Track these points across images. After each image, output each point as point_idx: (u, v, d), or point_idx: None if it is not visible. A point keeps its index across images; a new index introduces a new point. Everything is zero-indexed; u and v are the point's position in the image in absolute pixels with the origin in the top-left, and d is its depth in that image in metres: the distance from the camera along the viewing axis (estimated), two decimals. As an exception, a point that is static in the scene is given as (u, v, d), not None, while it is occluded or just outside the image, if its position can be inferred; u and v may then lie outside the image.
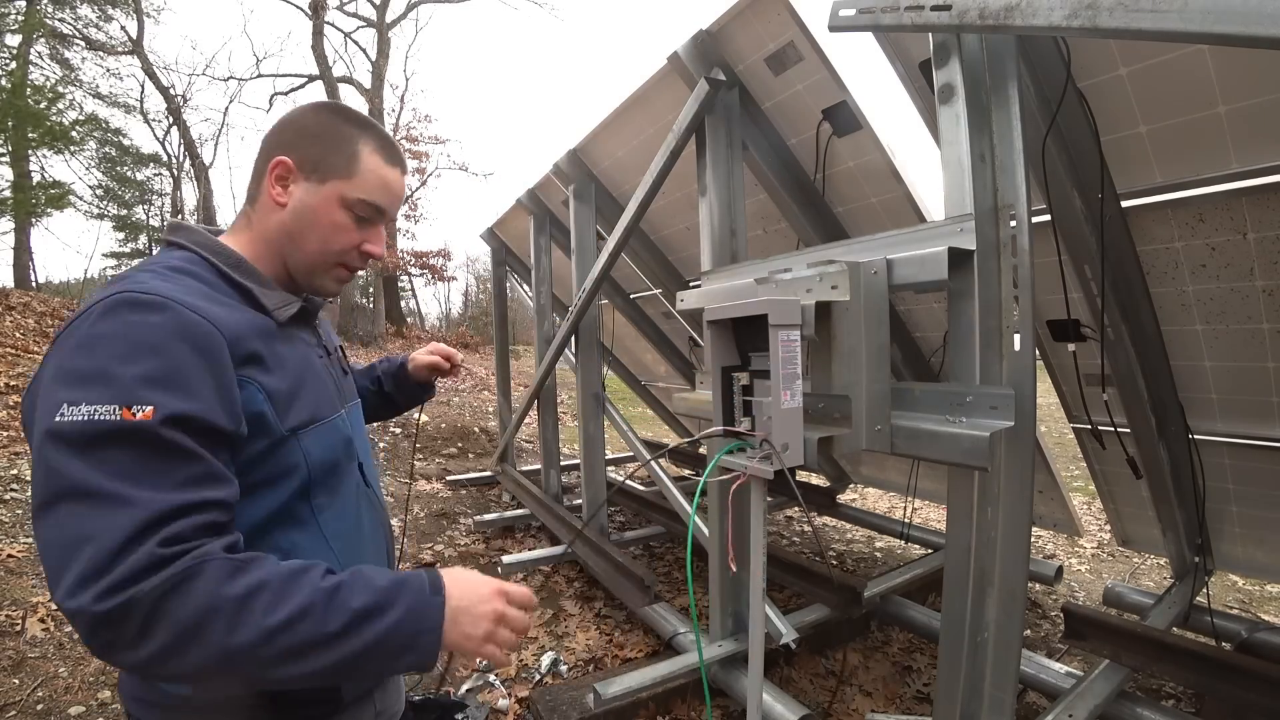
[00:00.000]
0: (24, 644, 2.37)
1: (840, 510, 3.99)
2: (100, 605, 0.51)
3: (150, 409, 0.57)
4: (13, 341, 7.31)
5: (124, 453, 0.56)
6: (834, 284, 1.16)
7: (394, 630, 0.60)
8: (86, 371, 0.58)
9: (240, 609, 0.54)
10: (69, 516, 0.54)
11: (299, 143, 0.79)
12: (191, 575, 0.54)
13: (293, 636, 0.56)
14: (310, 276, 0.83)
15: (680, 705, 2.16)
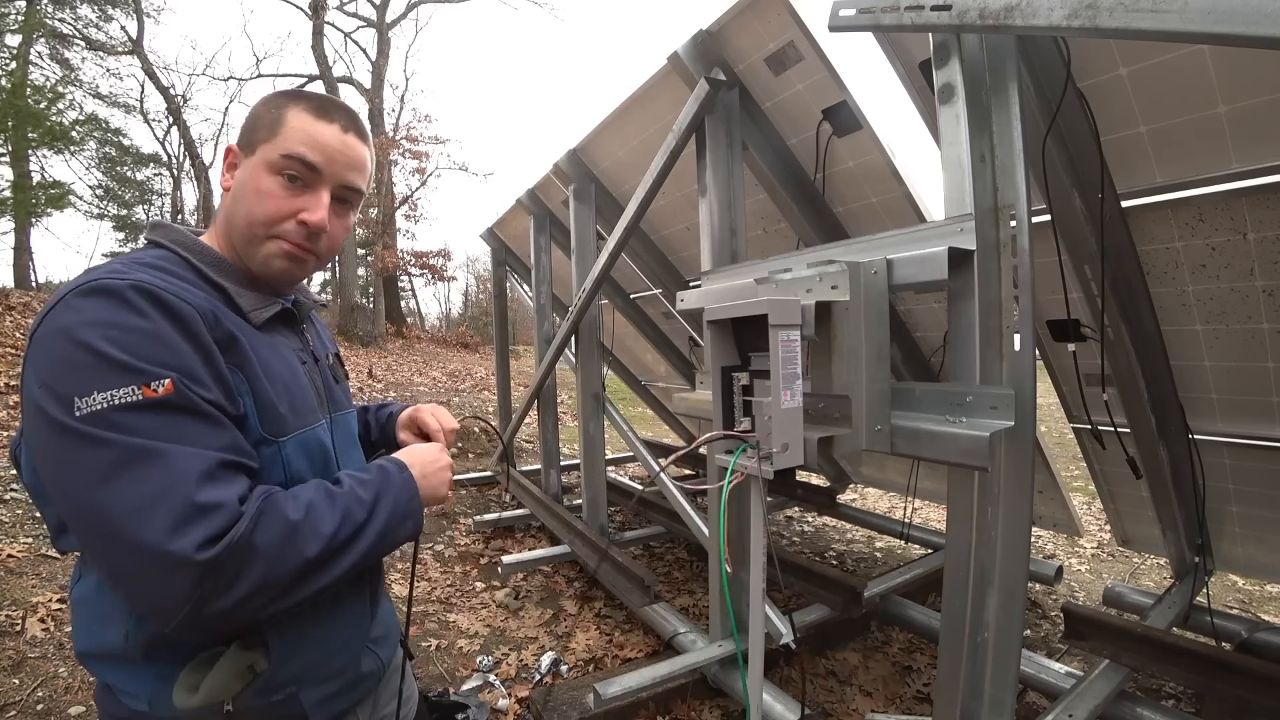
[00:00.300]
0: (24, 644, 2.37)
1: (840, 510, 3.99)
2: (205, 554, 0.55)
3: (169, 381, 0.59)
4: (13, 341, 7.31)
5: (161, 420, 0.58)
6: (834, 284, 1.16)
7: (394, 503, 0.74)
8: (83, 361, 0.57)
9: (307, 528, 0.63)
10: (138, 480, 0.55)
11: (244, 127, 0.77)
12: (264, 512, 0.61)
13: (342, 533, 0.67)
14: (250, 255, 0.76)
15: (680, 705, 2.16)
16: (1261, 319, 1.75)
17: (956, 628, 1.33)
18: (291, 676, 0.74)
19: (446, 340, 18.16)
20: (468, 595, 3.21)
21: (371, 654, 0.88)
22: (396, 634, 0.97)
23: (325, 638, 0.78)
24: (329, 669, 0.79)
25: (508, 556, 3.38)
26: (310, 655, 0.76)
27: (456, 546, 3.88)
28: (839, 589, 2.55)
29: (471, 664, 2.53)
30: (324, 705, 0.78)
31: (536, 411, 4.12)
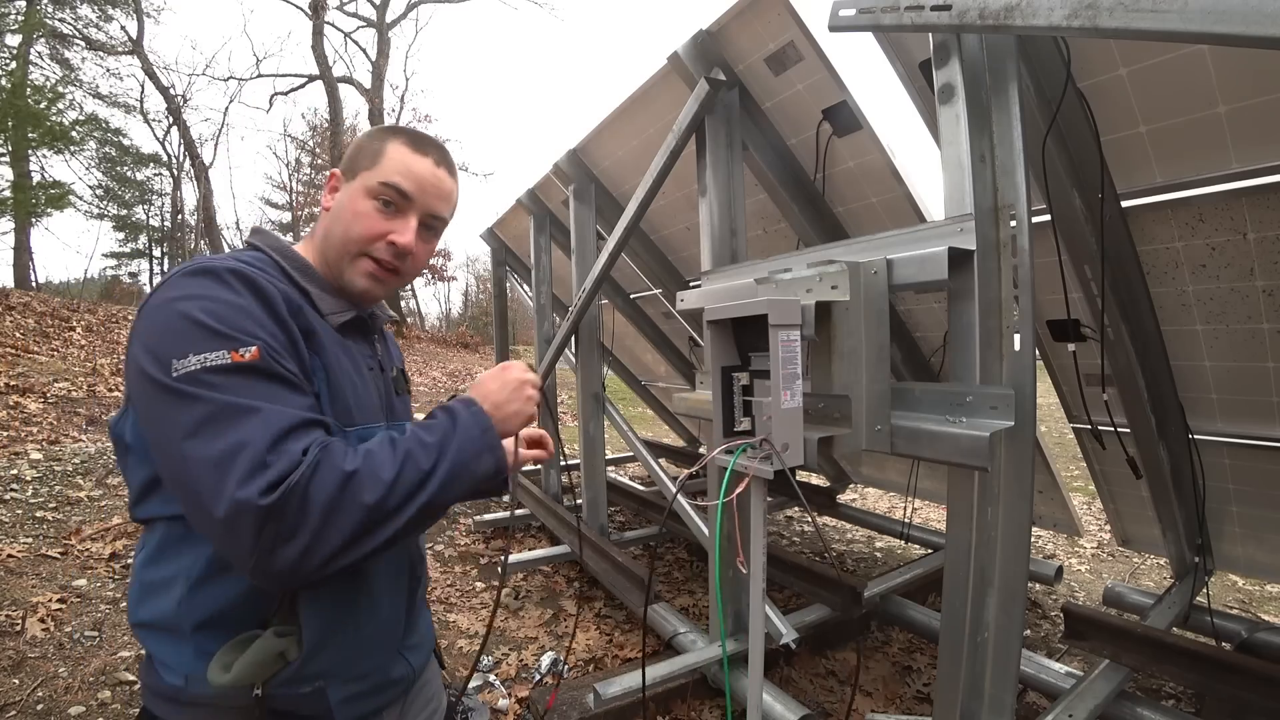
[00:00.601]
0: (24, 644, 2.37)
1: (840, 510, 3.99)
2: (266, 498, 0.59)
3: (255, 348, 0.65)
4: (13, 341, 7.31)
5: (246, 381, 0.64)
6: (834, 284, 1.16)
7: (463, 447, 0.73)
8: (182, 329, 0.65)
9: (366, 473, 0.64)
10: (221, 432, 0.61)
11: (347, 156, 0.87)
12: (321, 461, 0.63)
13: (405, 483, 0.66)
14: (341, 271, 0.84)
15: (680, 705, 2.16)
16: (1261, 319, 1.75)
17: (956, 628, 1.33)
18: (320, 670, 0.75)
19: (446, 340, 18.16)
20: (468, 595, 3.21)
21: (403, 660, 0.88)
22: (431, 643, 0.99)
23: (357, 637, 0.79)
24: (358, 668, 0.80)
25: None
26: (340, 652, 0.77)
27: (456, 546, 3.88)
28: (839, 589, 2.55)
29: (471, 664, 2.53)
30: (349, 704, 0.79)
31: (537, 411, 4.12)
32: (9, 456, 4.27)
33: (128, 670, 2.31)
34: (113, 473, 4.29)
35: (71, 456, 4.44)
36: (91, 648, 2.43)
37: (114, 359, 8.03)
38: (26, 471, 4.02)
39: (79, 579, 2.92)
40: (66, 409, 5.69)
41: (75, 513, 3.64)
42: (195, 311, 0.65)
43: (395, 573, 0.87)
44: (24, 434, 4.86)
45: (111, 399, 6.33)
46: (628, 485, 4.58)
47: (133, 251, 22.27)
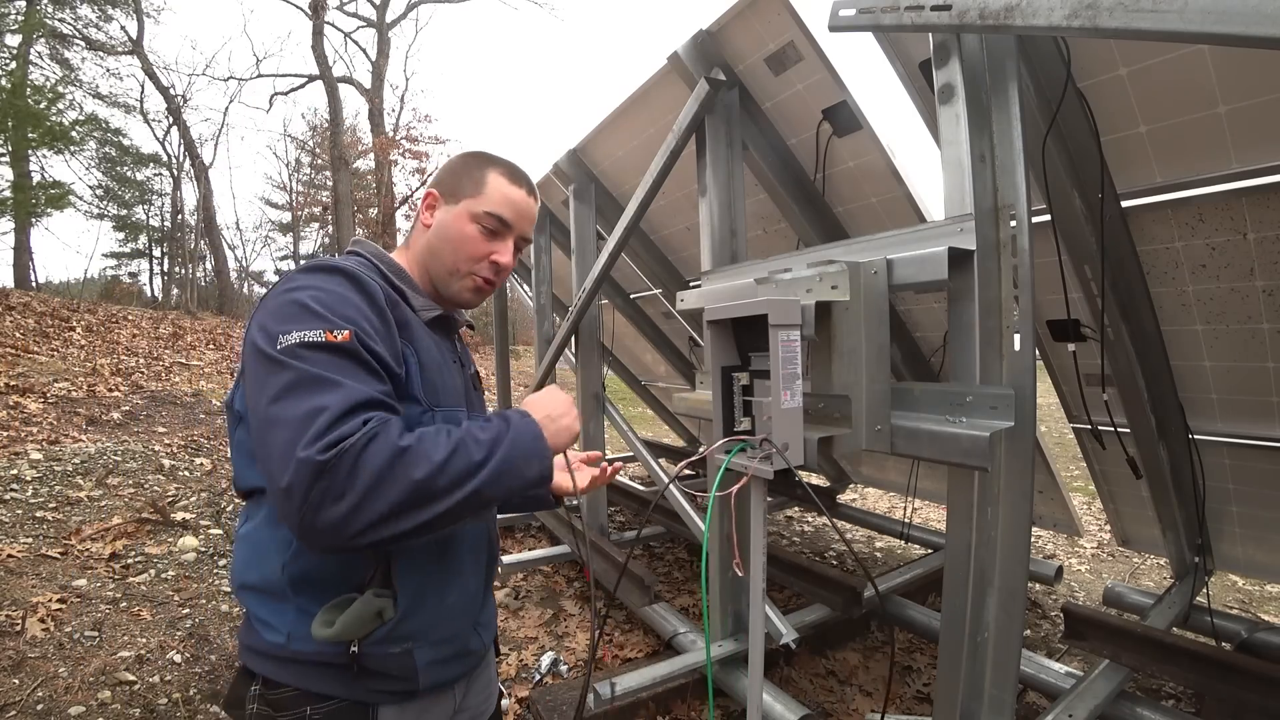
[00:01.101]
0: (24, 644, 2.37)
1: (840, 510, 3.99)
2: (323, 455, 0.64)
3: (348, 332, 0.73)
4: (13, 341, 7.32)
5: (333, 359, 0.71)
6: (834, 284, 1.16)
7: (513, 449, 0.76)
8: (292, 312, 0.74)
9: (418, 451, 0.69)
10: (301, 398, 0.68)
11: (445, 178, 0.97)
12: (379, 433, 0.68)
13: (454, 468, 0.70)
14: (447, 284, 0.96)
15: (680, 705, 2.16)
16: (1261, 319, 1.75)
17: (956, 628, 1.33)
18: (410, 632, 0.83)
19: (446, 340, 18.10)
20: (468, 595, 3.20)
21: (477, 635, 0.96)
22: (494, 629, 1.08)
23: (444, 605, 0.87)
24: (443, 633, 0.87)
25: (508, 556, 3.38)
26: (429, 617, 0.85)
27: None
28: (839, 589, 2.55)
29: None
30: (433, 668, 0.86)
31: (536, 411, 4.12)
32: (9, 456, 4.27)
33: (128, 670, 2.31)
34: (113, 473, 4.30)
35: (71, 456, 4.43)
36: (91, 648, 2.43)
37: (114, 359, 8.03)
38: (26, 471, 4.02)
39: (79, 579, 2.92)
40: (66, 409, 5.68)
41: (75, 513, 3.64)
42: (304, 298, 0.75)
43: (476, 549, 0.95)
44: (24, 434, 4.85)
45: (111, 399, 6.33)
46: (628, 485, 4.58)
47: (133, 251, 22.25)
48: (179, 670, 2.37)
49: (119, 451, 4.74)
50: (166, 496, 4.08)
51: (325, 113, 18.36)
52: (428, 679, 0.85)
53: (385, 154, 17.30)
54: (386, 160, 17.52)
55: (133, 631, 2.57)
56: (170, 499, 4.05)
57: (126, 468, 4.48)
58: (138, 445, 5.06)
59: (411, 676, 0.83)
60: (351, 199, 17.19)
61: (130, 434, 5.48)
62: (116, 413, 5.96)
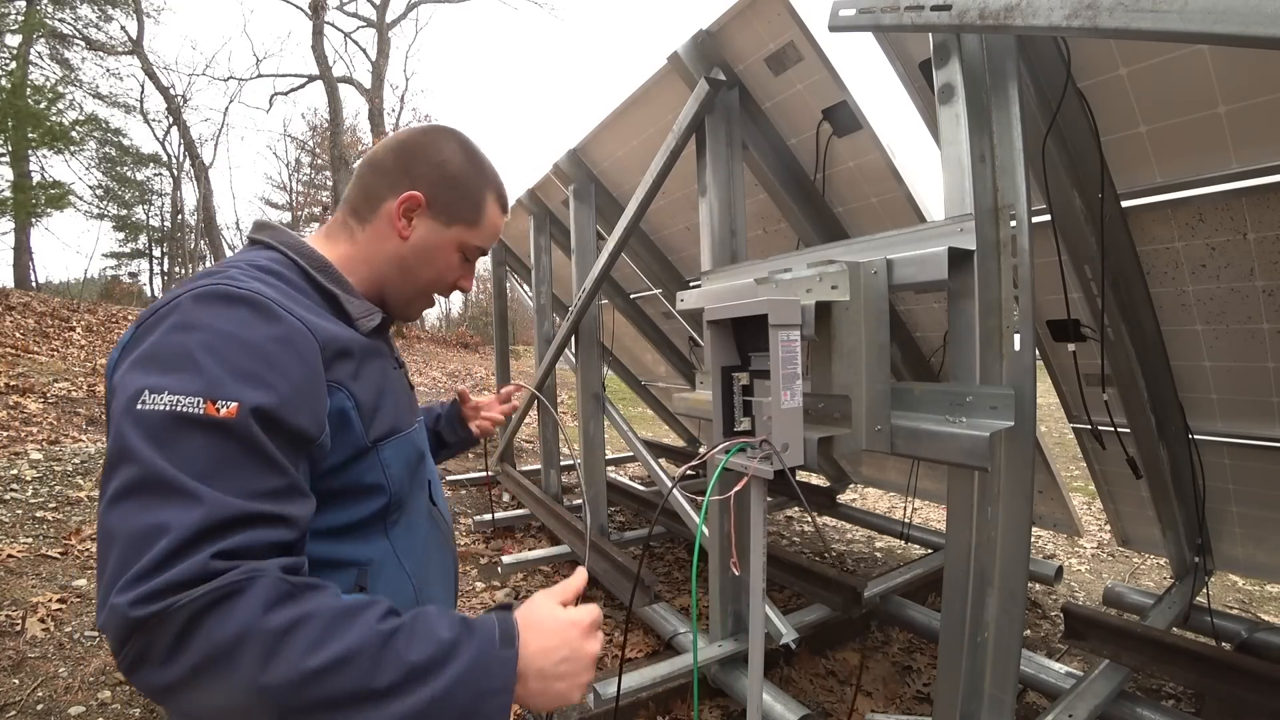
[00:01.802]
0: (24, 644, 2.37)
1: (840, 510, 3.99)
2: (139, 610, 0.46)
3: (235, 405, 0.54)
4: (13, 341, 7.32)
5: (202, 448, 0.53)
6: (834, 284, 1.16)
7: (452, 691, 0.52)
8: (171, 359, 0.56)
9: (279, 641, 0.48)
10: (137, 509, 0.50)
11: (437, 184, 0.80)
12: (236, 592, 0.49)
13: (333, 685, 0.48)
14: (407, 304, 0.87)
15: (680, 705, 2.16)
16: (1261, 319, 1.75)
17: (956, 628, 1.33)
18: None
19: (446, 340, 18.15)
20: (467, 595, 3.21)
21: None
22: None
23: None
24: None
25: (508, 556, 3.38)
26: None
27: (456, 546, 3.88)
28: (839, 589, 2.55)
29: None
30: None
31: (536, 411, 4.12)
32: (9, 456, 4.27)
33: (128, 670, 2.31)
34: (113, 473, 4.29)
35: (71, 456, 4.43)
36: (91, 648, 2.43)
37: (114, 359, 8.01)
38: (26, 471, 4.02)
39: (79, 579, 2.92)
40: (66, 409, 5.69)
41: (75, 513, 3.64)
42: (194, 341, 0.56)
43: (442, 565, 0.89)
44: (24, 434, 4.85)
45: (111, 399, 6.33)
46: (628, 485, 4.58)
47: (133, 251, 22.28)
48: (179, 670, 2.37)
49: (119, 451, 4.74)
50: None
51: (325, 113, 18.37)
52: None
53: (385, 154, 17.25)
54: (386, 160, 17.47)
55: (133, 631, 2.57)
56: (170, 499, 4.05)
57: (126, 468, 4.47)
58: (138, 445, 5.05)
59: None
60: (351, 199, 17.11)
61: (130, 434, 5.47)
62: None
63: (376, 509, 0.74)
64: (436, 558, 0.86)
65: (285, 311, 0.62)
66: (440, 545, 0.89)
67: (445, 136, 0.83)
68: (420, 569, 0.81)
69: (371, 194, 0.81)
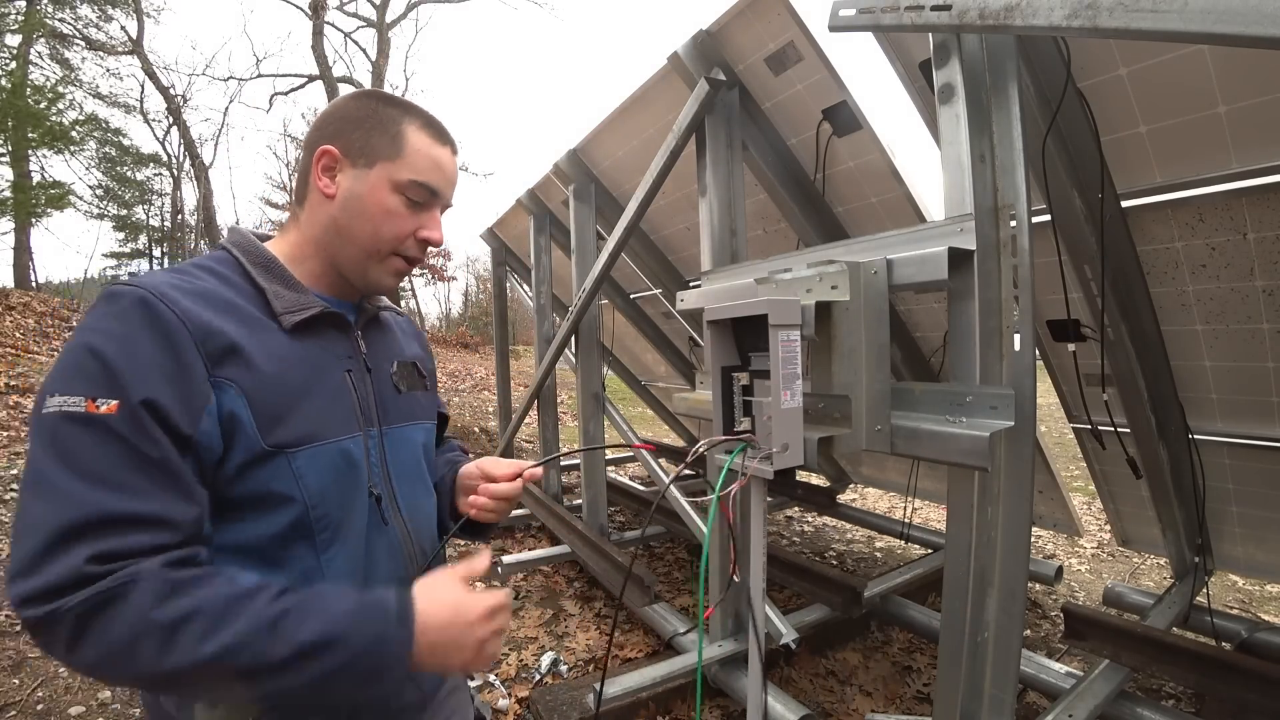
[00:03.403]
0: (24, 644, 2.37)
1: (840, 510, 3.99)
2: (27, 611, 0.51)
3: (115, 403, 0.56)
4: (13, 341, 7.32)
5: (86, 447, 0.55)
6: (834, 284, 1.16)
7: (347, 666, 0.57)
8: (65, 363, 0.59)
9: (171, 634, 0.52)
10: (23, 504, 0.54)
11: (344, 129, 0.75)
12: (117, 596, 0.52)
13: (232, 664, 0.53)
14: (364, 271, 0.77)
15: (680, 705, 2.16)
16: (1261, 319, 1.75)
17: (956, 628, 1.33)
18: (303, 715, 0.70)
19: (446, 340, 18.15)
20: (468, 595, 3.20)
21: (412, 685, 0.80)
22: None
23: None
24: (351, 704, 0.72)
25: (508, 556, 3.38)
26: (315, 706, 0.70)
27: (456, 547, 3.88)
28: (839, 589, 2.55)
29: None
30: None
31: (536, 411, 4.12)
32: (9, 456, 4.26)
33: (128, 670, 2.31)
34: (113, 473, 4.29)
35: (71, 456, 4.44)
36: (91, 648, 2.43)
37: (114, 359, 8.01)
38: (26, 471, 4.02)
39: (79, 579, 2.92)
40: (66, 409, 5.69)
41: (75, 513, 3.64)
42: (81, 342, 0.59)
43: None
44: (24, 434, 4.85)
45: (111, 399, 6.33)
46: (628, 485, 4.58)
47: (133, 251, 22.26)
48: (179, 670, 2.37)
49: (119, 451, 4.74)
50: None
51: (325, 113, 18.34)
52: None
53: (385, 154, 17.28)
54: (386, 160, 17.49)
55: (133, 631, 2.57)
56: (170, 499, 4.05)
57: (126, 468, 4.48)
58: (138, 445, 5.06)
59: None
60: (351, 199, 17.14)
61: (130, 434, 5.47)
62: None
63: (288, 523, 0.67)
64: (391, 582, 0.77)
65: (159, 300, 0.62)
66: (401, 569, 0.79)
67: (350, 93, 0.79)
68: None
69: (301, 174, 0.78)
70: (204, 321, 0.64)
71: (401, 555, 0.79)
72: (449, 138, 0.80)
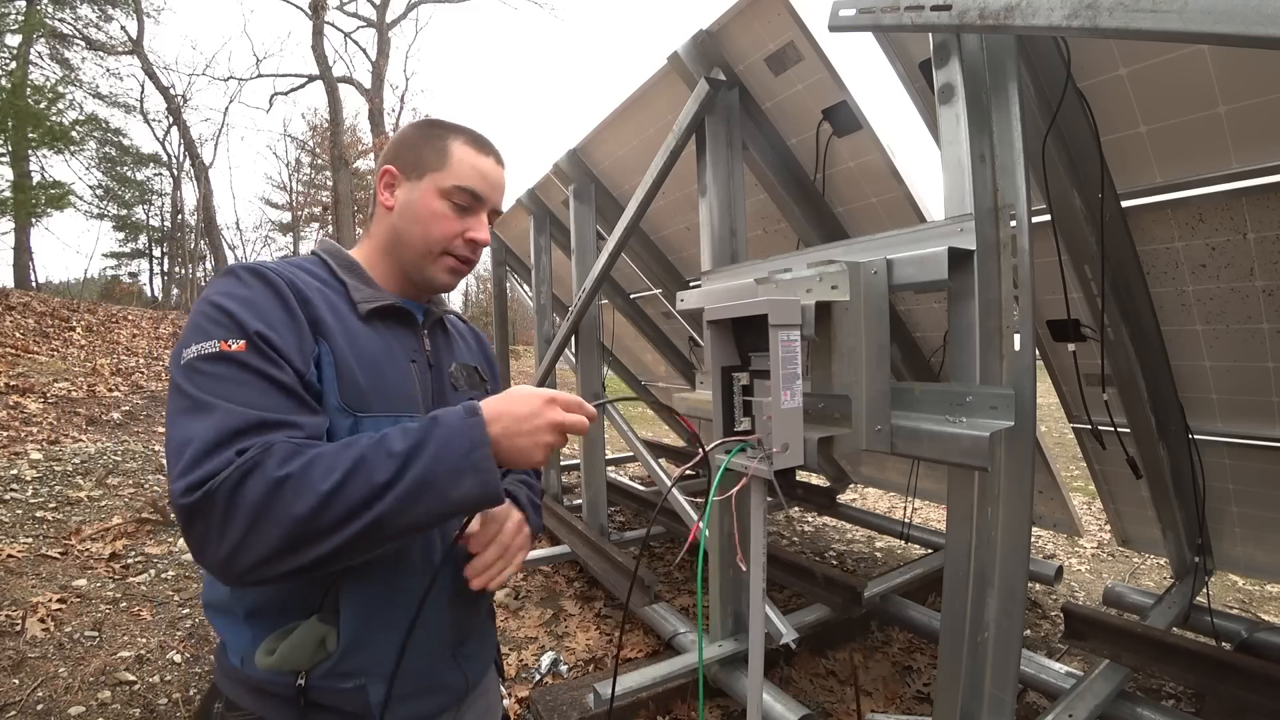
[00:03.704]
0: (24, 644, 2.37)
1: (840, 510, 3.99)
2: (187, 499, 0.59)
3: (243, 342, 0.68)
4: (13, 341, 7.32)
5: (221, 375, 0.66)
6: (834, 284, 1.16)
7: (439, 458, 0.63)
8: (195, 324, 0.70)
9: (300, 480, 0.60)
10: (177, 425, 0.64)
11: (401, 151, 0.88)
12: (255, 465, 0.60)
13: (347, 496, 0.60)
14: (420, 270, 0.88)
15: (680, 705, 2.16)
16: (1261, 319, 1.75)
17: (956, 628, 1.33)
18: (360, 667, 0.75)
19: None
20: (468, 595, 3.20)
21: (457, 668, 0.86)
22: (492, 654, 0.98)
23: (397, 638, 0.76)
24: (401, 670, 0.77)
25: (508, 556, 3.37)
26: (380, 651, 0.76)
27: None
28: (839, 589, 2.55)
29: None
30: (393, 706, 0.77)
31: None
32: (9, 456, 4.27)
33: (128, 670, 2.31)
34: (113, 473, 4.30)
35: (71, 456, 4.44)
36: (91, 648, 2.43)
37: (113, 359, 8.03)
38: (26, 471, 4.02)
39: (79, 579, 2.92)
40: (66, 409, 5.69)
41: (75, 513, 3.64)
42: (207, 307, 0.71)
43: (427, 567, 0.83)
44: (24, 434, 4.85)
45: (111, 399, 6.33)
46: (628, 485, 4.58)
47: (133, 251, 22.27)
48: (179, 670, 2.37)
49: (119, 451, 4.75)
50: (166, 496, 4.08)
51: (325, 113, 18.38)
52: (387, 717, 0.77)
53: (385, 154, 17.28)
54: (386, 160, 17.49)
55: (133, 631, 2.57)
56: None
57: (126, 468, 4.48)
58: (138, 445, 5.06)
59: (367, 714, 0.76)
60: (352, 199, 17.19)
61: (130, 434, 5.48)
62: (116, 413, 5.96)
63: None
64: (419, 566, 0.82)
65: (277, 275, 0.75)
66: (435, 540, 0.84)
67: (412, 122, 0.93)
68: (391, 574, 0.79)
69: (372, 194, 0.92)
70: (304, 293, 0.77)
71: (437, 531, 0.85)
72: (491, 149, 0.90)
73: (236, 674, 0.76)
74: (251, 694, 0.75)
